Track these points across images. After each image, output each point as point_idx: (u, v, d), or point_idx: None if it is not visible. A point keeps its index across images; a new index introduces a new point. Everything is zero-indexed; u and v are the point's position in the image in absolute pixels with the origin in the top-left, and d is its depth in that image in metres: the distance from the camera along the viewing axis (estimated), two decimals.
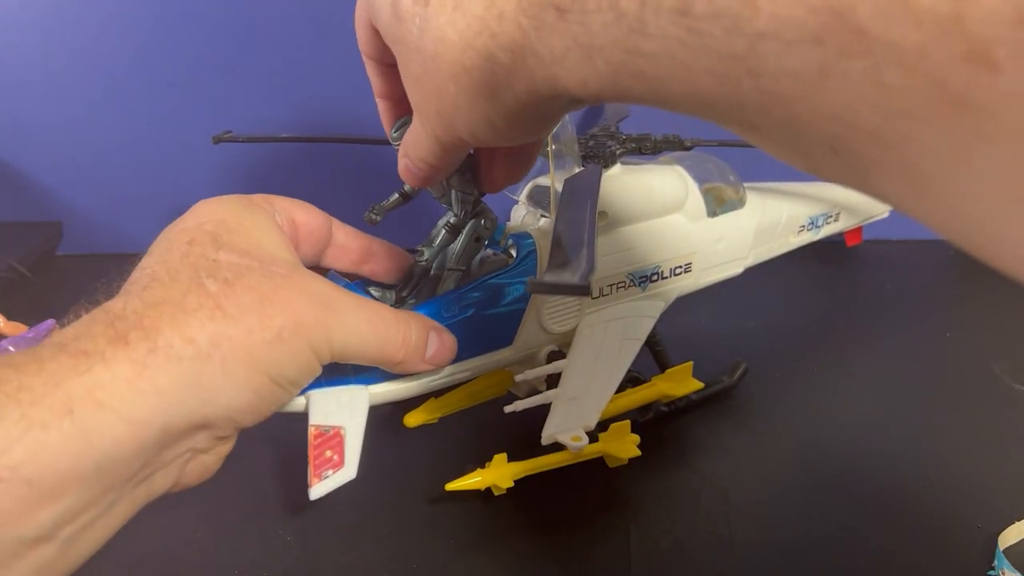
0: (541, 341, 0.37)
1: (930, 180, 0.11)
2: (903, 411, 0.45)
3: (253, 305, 0.24)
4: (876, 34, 0.10)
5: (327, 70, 0.61)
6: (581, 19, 0.15)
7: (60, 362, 0.21)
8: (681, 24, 0.13)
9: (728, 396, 0.46)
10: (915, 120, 0.11)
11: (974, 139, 0.10)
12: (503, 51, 0.17)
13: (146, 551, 0.36)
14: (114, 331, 0.22)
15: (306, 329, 0.25)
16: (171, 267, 0.24)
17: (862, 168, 0.12)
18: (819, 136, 0.13)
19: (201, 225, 0.26)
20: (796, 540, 0.36)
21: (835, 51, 0.11)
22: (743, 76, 0.13)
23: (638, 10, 0.14)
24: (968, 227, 0.12)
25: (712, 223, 0.42)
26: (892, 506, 0.38)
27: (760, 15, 0.12)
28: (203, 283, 0.24)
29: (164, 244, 0.26)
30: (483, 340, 0.35)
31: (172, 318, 0.23)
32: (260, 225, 0.27)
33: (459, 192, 0.31)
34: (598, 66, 0.15)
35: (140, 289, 0.24)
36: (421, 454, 0.42)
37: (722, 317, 0.55)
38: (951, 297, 0.58)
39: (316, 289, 0.26)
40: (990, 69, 0.10)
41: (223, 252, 0.25)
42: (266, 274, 0.25)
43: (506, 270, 0.35)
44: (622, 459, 0.39)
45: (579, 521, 0.37)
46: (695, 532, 0.36)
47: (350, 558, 0.36)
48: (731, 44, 0.12)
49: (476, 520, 0.37)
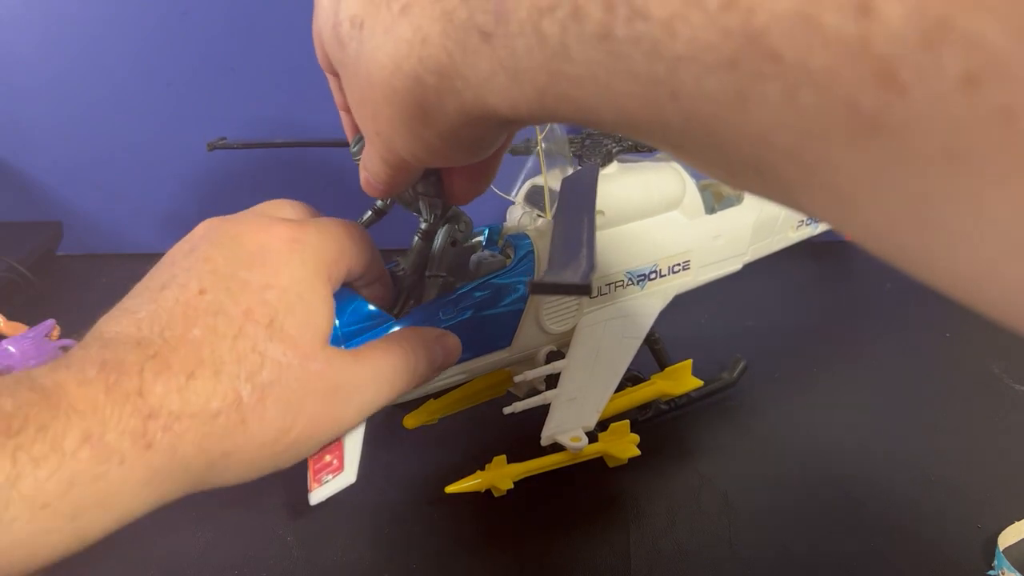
0: (540, 341, 0.37)
1: (850, 200, 0.11)
2: (903, 411, 0.45)
3: (276, 420, 0.25)
4: (788, 57, 0.10)
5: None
6: (505, 43, 0.15)
7: (79, 460, 0.21)
8: (602, 49, 0.13)
9: (728, 396, 0.46)
10: (831, 142, 0.11)
11: (887, 160, 0.10)
12: (430, 74, 0.17)
13: (146, 551, 0.36)
14: (144, 431, 0.22)
15: (318, 433, 0.26)
16: (218, 355, 0.24)
17: (786, 187, 0.12)
18: (742, 157, 0.13)
19: (264, 291, 0.25)
20: (796, 540, 0.36)
21: (750, 74, 0.11)
22: (665, 99, 0.13)
23: (560, 34, 0.14)
24: (889, 245, 0.12)
25: (710, 220, 0.42)
26: (892, 506, 0.38)
27: (678, 40, 0.12)
28: (240, 392, 0.24)
29: (223, 299, 0.25)
30: (482, 341, 0.35)
31: (199, 430, 0.23)
32: (316, 302, 0.27)
33: (425, 198, 0.31)
34: (525, 89, 0.15)
35: (185, 377, 0.23)
36: (420, 455, 0.42)
37: (721, 316, 0.55)
38: (951, 297, 0.58)
39: (342, 383, 0.27)
40: (898, 91, 0.10)
41: (273, 344, 0.25)
42: (301, 378, 0.25)
43: (504, 271, 0.35)
44: (622, 459, 0.39)
45: (579, 521, 0.37)
46: (695, 532, 0.36)
47: (350, 558, 0.36)
48: (652, 68, 0.12)
49: (475, 521, 0.37)
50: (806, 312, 0.57)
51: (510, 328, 0.35)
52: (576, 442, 0.31)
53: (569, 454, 0.37)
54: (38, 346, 0.51)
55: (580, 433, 0.32)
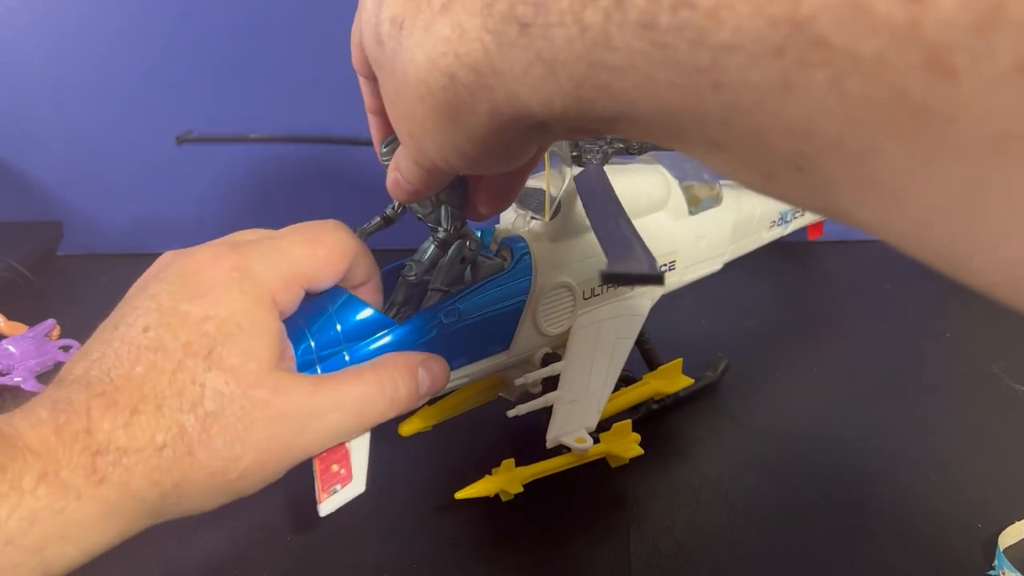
0: (537, 343, 0.37)
1: (895, 193, 0.11)
2: (903, 410, 0.45)
3: (223, 449, 0.25)
4: (836, 44, 0.10)
5: (329, 71, 0.61)
6: (544, 33, 0.15)
7: (38, 497, 0.22)
8: (645, 37, 0.13)
9: (728, 395, 0.46)
10: (877, 130, 0.11)
11: (936, 149, 0.10)
12: (465, 70, 0.17)
13: (146, 552, 0.36)
14: (94, 467, 0.23)
15: (272, 462, 0.26)
16: (159, 390, 0.25)
17: (826, 184, 0.12)
18: (783, 151, 0.12)
19: (203, 323, 0.26)
20: (796, 540, 0.36)
21: (797, 62, 0.11)
22: (707, 89, 0.13)
23: (603, 23, 0.14)
24: (931, 241, 0.11)
25: (693, 220, 0.42)
26: (892, 506, 0.38)
27: (724, 28, 0.12)
28: (184, 424, 0.24)
29: (163, 335, 0.25)
30: (481, 345, 0.35)
31: (147, 464, 0.24)
32: (258, 331, 0.27)
33: (449, 207, 0.31)
34: (562, 81, 0.15)
35: (129, 412, 0.24)
36: (418, 457, 0.42)
37: (721, 316, 0.55)
38: (951, 297, 0.58)
39: (294, 411, 0.26)
40: (950, 77, 0.09)
41: (212, 374, 0.25)
42: (245, 406, 0.25)
43: (502, 274, 0.35)
44: (624, 459, 0.39)
45: (579, 522, 0.37)
46: (695, 532, 0.36)
47: (350, 559, 0.36)
48: (695, 57, 0.12)
49: (474, 522, 0.37)
50: (806, 312, 0.57)
51: (509, 331, 0.35)
52: (581, 443, 0.31)
53: (575, 455, 0.37)
54: (38, 346, 0.51)
55: (584, 434, 0.32)
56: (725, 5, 0.11)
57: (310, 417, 0.27)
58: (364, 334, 0.31)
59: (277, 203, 0.68)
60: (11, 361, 0.50)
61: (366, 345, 0.31)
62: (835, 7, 0.10)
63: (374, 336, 0.31)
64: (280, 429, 0.26)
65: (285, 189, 0.67)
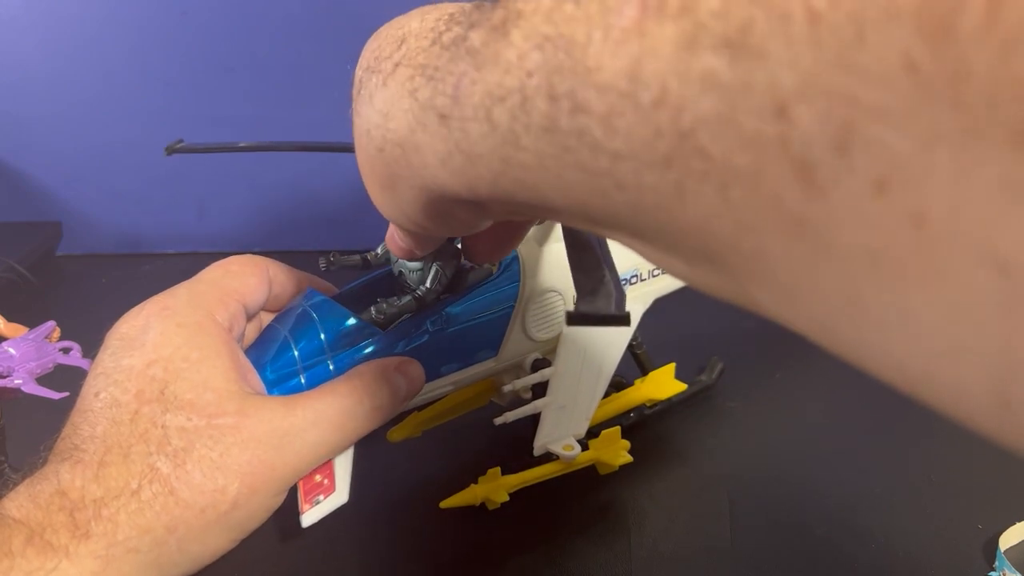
0: (526, 349, 0.36)
1: (791, 292, 0.11)
2: (903, 410, 0.45)
3: (205, 482, 0.25)
4: (716, 155, 0.10)
5: (329, 71, 0.60)
6: (461, 126, 0.15)
7: (28, 559, 0.22)
8: (549, 139, 0.13)
9: (728, 396, 0.46)
10: (764, 235, 0.11)
11: (816, 257, 0.10)
12: (391, 145, 0.18)
13: None
14: (75, 523, 0.23)
15: (261, 486, 0.26)
16: (122, 439, 0.25)
17: (735, 277, 0.12)
18: (691, 245, 0.13)
19: (148, 368, 0.26)
20: (796, 540, 0.36)
21: (685, 170, 0.11)
22: (612, 190, 0.13)
23: (509, 123, 0.14)
24: (830, 340, 0.12)
25: None
26: (892, 506, 0.38)
27: (616, 136, 0.12)
28: (156, 465, 0.24)
29: (114, 392, 0.26)
30: (470, 352, 0.35)
31: (128, 510, 0.24)
32: (208, 358, 0.27)
33: (438, 266, 0.31)
34: (481, 172, 0.15)
35: (97, 465, 0.24)
36: (402, 464, 0.42)
37: (719, 317, 0.54)
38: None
39: (267, 431, 0.26)
40: (819, 191, 0.10)
41: (170, 414, 0.25)
42: (215, 435, 0.25)
43: (490, 280, 0.34)
44: (613, 466, 0.38)
45: (578, 526, 0.37)
46: (695, 534, 0.36)
47: (349, 562, 0.36)
48: (596, 160, 0.12)
49: (473, 530, 0.37)
50: None
51: (497, 337, 0.35)
52: (569, 451, 0.31)
53: (563, 463, 0.37)
54: (38, 348, 0.51)
55: (572, 441, 0.32)
56: (616, 112, 0.12)
57: (287, 436, 0.27)
58: (349, 342, 0.31)
59: (277, 202, 0.68)
60: (11, 363, 0.50)
61: (351, 354, 0.31)
62: (710, 122, 0.10)
63: (359, 344, 0.31)
64: (258, 451, 0.26)
65: (285, 188, 0.67)
